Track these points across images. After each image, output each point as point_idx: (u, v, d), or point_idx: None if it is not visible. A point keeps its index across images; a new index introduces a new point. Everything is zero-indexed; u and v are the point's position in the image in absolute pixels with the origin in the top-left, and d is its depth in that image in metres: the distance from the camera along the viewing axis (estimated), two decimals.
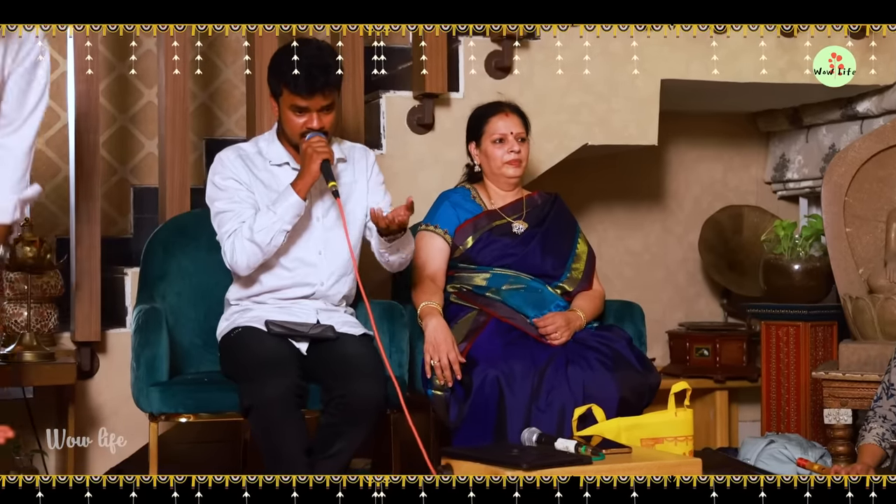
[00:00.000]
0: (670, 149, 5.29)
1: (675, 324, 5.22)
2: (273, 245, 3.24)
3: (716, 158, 5.42)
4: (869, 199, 4.23)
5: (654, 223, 5.34)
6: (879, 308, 4.00)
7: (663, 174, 5.34)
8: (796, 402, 4.55)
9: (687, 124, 5.25)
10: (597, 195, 5.21)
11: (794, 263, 4.59)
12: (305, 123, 3.27)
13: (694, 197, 5.38)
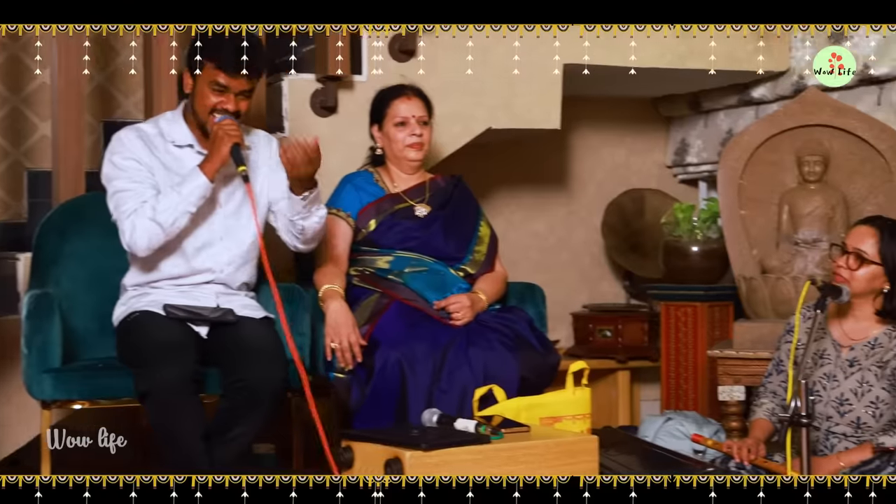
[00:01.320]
0: (574, 133, 5.36)
1: (579, 305, 5.31)
2: (176, 226, 3.20)
3: (618, 143, 5.51)
4: (762, 182, 4.34)
5: (559, 206, 5.41)
6: (772, 288, 4.12)
7: (568, 158, 5.41)
8: (694, 381, 4.66)
9: (590, 109, 5.33)
10: (503, 179, 5.26)
11: (693, 245, 4.70)
12: (221, 103, 3.24)
13: (597, 181, 5.46)
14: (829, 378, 3.44)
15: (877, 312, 3.42)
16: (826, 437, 3.43)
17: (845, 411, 3.39)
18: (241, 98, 3.25)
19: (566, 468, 2.86)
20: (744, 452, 3.39)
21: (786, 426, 3.13)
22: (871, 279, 3.39)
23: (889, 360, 3.36)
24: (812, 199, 4.20)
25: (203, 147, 3.30)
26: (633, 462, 3.43)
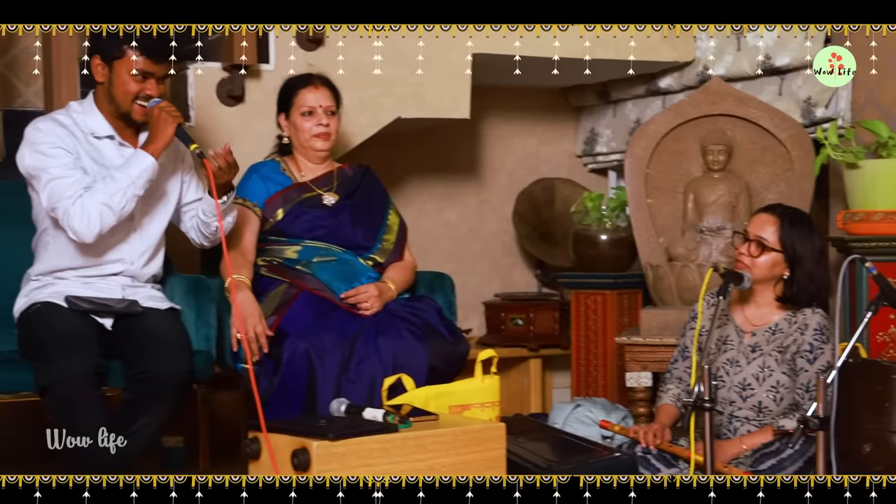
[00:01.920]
0: (485, 123, 5.38)
1: (491, 294, 5.33)
2: (126, 210, 3.15)
3: (529, 132, 5.54)
4: (668, 170, 4.40)
5: (471, 196, 5.43)
6: (677, 275, 4.18)
7: (479, 148, 5.43)
8: (603, 368, 4.71)
9: (501, 99, 5.35)
10: (415, 168, 5.26)
11: (602, 234, 4.75)
12: (144, 89, 3.19)
13: (508, 170, 5.49)
14: (732, 363, 3.50)
15: (777, 298, 3.49)
16: (729, 421, 3.50)
17: (747, 396, 3.46)
18: (160, 82, 3.23)
19: (473, 455, 2.88)
20: (649, 437, 3.45)
21: (689, 411, 3.18)
22: (771, 266, 3.46)
23: (789, 346, 3.44)
24: (716, 187, 4.28)
25: (124, 138, 3.25)
26: (543, 449, 3.46)
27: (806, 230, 3.47)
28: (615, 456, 3.36)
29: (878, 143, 3.86)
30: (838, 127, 4.05)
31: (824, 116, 4.28)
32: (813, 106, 4.34)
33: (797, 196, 4.16)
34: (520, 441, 3.53)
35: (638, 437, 3.49)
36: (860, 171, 3.84)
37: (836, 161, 3.92)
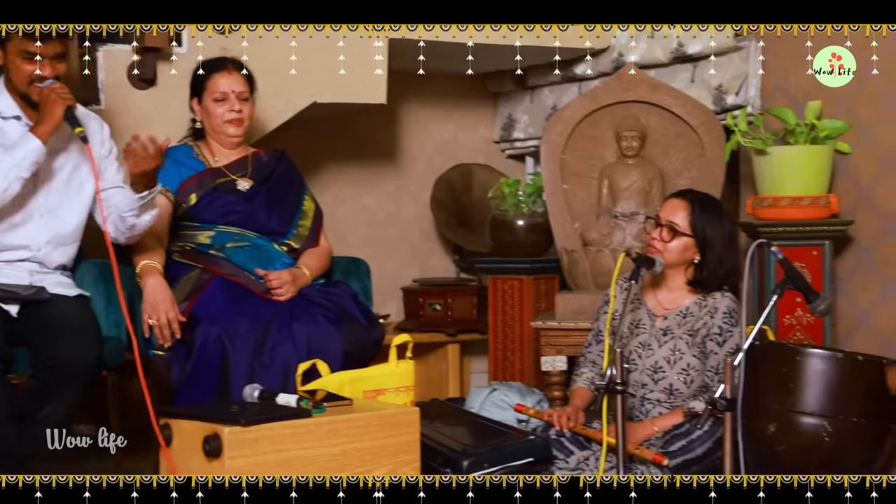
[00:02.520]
0: (403, 108, 5.37)
1: (409, 280, 5.33)
2: (9, 193, 3.09)
3: (447, 118, 5.54)
4: (583, 156, 4.44)
5: (389, 181, 5.42)
6: (592, 260, 4.22)
7: (397, 133, 5.42)
8: (520, 352, 4.75)
9: (419, 84, 5.33)
10: (332, 154, 5.24)
11: (519, 219, 4.77)
12: (37, 70, 3.13)
13: (426, 156, 5.49)
14: (644, 347, 3.55)
15: (688, 282, 3.55)
16: (641, 404, 3.55)
17: (659, 378, 3.51)
18: (56, 61, 3.16)
19: (388, 440, 2.89)
20: (563, 420, 3.48)
21: (602, 394, 3.22)
22: (682, 250, 3.51)
23: (699, 329, 3.49)
24: (630, 173, 4.33)
25: (31, 119, 3.19)
26: (459, 433, 3.48)
27: (716, 215, 3.53)
28: (529, 439, 3.40)
29: (786, 130, 3.94)
30: (748, 114, 4.12)
31: (735, 104, 4.36)
32: (724, 93, 4.41)
33: (709, 182, 4.23)
34: (435, 425, 3.54)
35: (552, 420, 3.52)
36: (768, 158, 3.91)
37: (745, 147, 3.99)
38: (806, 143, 3.90)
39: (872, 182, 3.99)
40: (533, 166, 5.58)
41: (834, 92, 3.80)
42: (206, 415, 2.79)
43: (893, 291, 3.94)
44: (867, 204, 4.00)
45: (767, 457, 3.02)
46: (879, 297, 3.99)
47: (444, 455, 3.26)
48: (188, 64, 3.81)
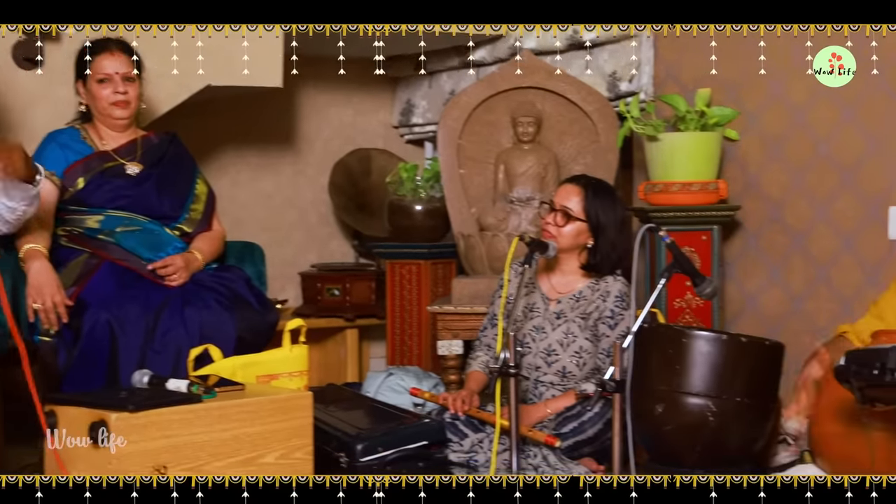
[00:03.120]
0: (301, 92, 5.33)
1: (307, 265, 5.31)
2: None
3: (346, 103, 5.52)
4: (480, 141, 4.47)
5: (287, 166, 5.38)
6: (488, 244, 4.26)
7: (295, 117, 5.39)
8: (418, 337, 4.76)
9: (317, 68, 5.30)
10: (229, 137, 5.18)
11: (417, 204, 4.78)
12: None
13: (325, 140, 5.46)
14: (538, 330, 3.59)
15: (581, 266, 3.60)
16: (535, 387, 3.59)
17: (552, 361, 3.56)
18: None
19: (280, 424, 2.88)
20: (458, 404, 3.51)
21: (495, 377, 3.26)
22: (576, 235, 3.56)
23: (591, 312, 3.55)
24: (526, 158, 4.37)
25: None
26: (354, 417, 3.49)
27: (609, 200, 3.59)
28: (424, 423, 3.42)
29: (677, 116, 4.01)
30: (640, 101, 4.18)
31: (628, 90, 4.42)
32: (618, 80, 4.47)
33: (603, 167, 4.29)
34: (331, 410, 3.54)
35: (447, 403, 3.55)
36: (660, 144, 3.98)
37: (637, 134, 4.05)
38: (696, 129, 3.97)
39: (759, 169, 4.08)
40: (432, 151, 5.59)
41: (723, 80, 3.88)
42: (93, 401, 2.74)
43: (778, 276, 4.05)
44: (754, 190, 4.09)
45: (655, 437, 3.10)
46: (765, 281, 4.09)
47: (339, 439, 3.27)
48: (76, 44, 3.72)
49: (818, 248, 3.91)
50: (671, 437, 3.05)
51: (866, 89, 3.63)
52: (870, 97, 3.67)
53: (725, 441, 3.04)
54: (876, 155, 3.72)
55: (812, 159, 3.92)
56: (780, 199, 4.03)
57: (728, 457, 3.06)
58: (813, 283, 3.93)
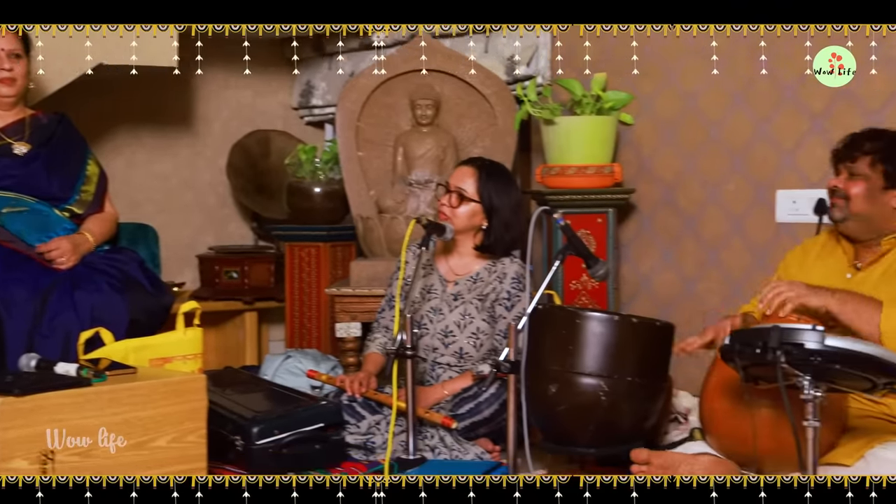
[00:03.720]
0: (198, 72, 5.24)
1: (205, 247, 5.24)
2: None
3: (245, 84, 5.46)
4: (378, 124, 4.47)
5: (184, 147, 5.30)
6: (386, 227, 4.26)
7: (192, 98, 5.31)
8: (317, 319, 4.75)
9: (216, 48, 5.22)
10: (124, 118, 5.08)
11: (316, 186, 4.76)
12: None
13: (223, 121, 5.40)
14: (436, 312, 3.61)
15: (476, 248, 3.62)
16: (432, 368, 3.61)
17: (449, 343, 3.58)
18: None
19: (172, 408, 2.84)
20: (355, 386, 3.51)
21: (392, 359, 3.27)
22: (470, 216, 3.58)
23: (489, 294, 3.58)
24: (424, 141, 4.38)
25: None
26: (250, 400, 3.46)
27: (503, 182, 3.62)
28: (320, 405, 3.41)
29: (573, 100, 4.05)
30: (537, 85, 4.22)
31: (526, 74, 4.45)
32: (516, 64, 4.50)
33: (501, 150, 4.32)
34: (227, 393, 3.51)
35: (344, 385, 3.55)
36: (556, 128, 4.02)
37: (535, 117, 4.09)
38: (592, 113, 4.02)
39: (653, 153, 4.15)
40: (332, 133, 5.56)
41: (618, 64, 3.93)
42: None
43: (671, 258, 4.13)
44: (648, 173, 4.16)
45: (549, 417, 3.13)
46: (658, 262, 4.17)
47: (234, 422, 3.24)
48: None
49: (709, 230, 4.00)
50: (564, 417, 3.09)
51: (755, 76, 3.72)
52: (757, 84, 3.76)
53: (618, 420, 3.08)
54: (763, 140, 3.82)
55: (703, 143, 4.00)
56: (672, 183, 4.10)
57: (620, 435, 3.11)
58: (704, 265, 4.02)
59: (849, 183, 3.07)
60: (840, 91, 3.56)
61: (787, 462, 2.73)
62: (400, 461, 3.26)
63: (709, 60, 3.69)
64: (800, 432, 2.39)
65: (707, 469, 2.90)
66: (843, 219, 3.09)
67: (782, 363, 2.40)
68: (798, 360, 2.40)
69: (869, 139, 3.09)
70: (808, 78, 3.43)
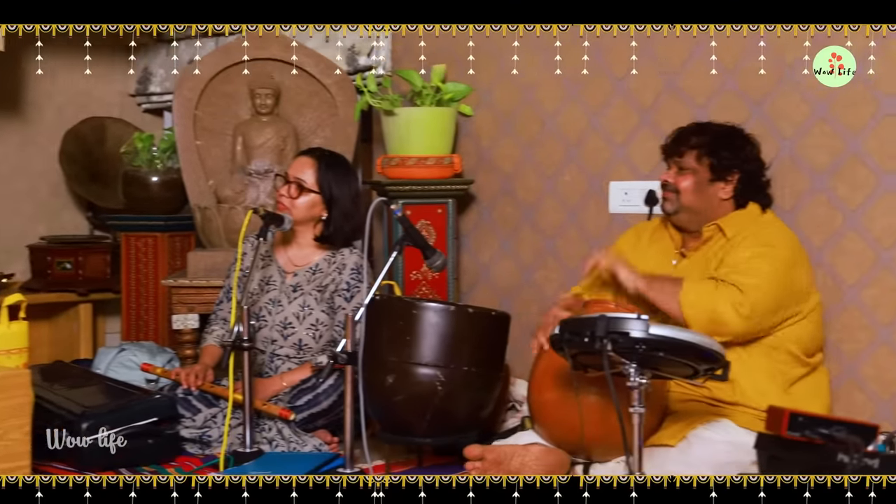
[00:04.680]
0: (29, 56, 5.06)
1: (37, 237, 5.07)
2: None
3: (80, 69, 5.28)
4: (217, 112, 4.40)
5: (14, 133, 5.11)
6: (225, 217, 4.20)
7: (22, 83, 5.12)
8: (154, 311, 4.66)
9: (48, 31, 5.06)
10: None
11: (153, 175, 4.67)
12: None
13: (56, 107, 5.22)
14: (275, 303, 3.58)
15: (316, 238, 3.61)
16: (271, 360, 3.58)
17: (288, 334, 3.56)
18: None
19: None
20: (191, 379, 3.46)
21: (229, 351, 3.23)
22: (310, 207, 3.57)
23: (328, 285, 3.57)
24: (264, 130, 4.33)
25: None
26: (81, 395, 3.38)
27: (342, 173, 3.61)
28: (154, 398, 3.34)
29: (414, 91, 4.07)
30: (377, 75, 4.22)
31: (367, 64, 4.45)
32: (356, 54, 4.49)
33: (342, 140, 4.31)
34: (56, 388, 3.42)
35: (179, 378, 3.50)
36: (396, 119, 4.02)
37: (375, 108, 4.09)
38: (431, 105, 4.04)
39: (492, 143, 4.20)
40: (170, 121, 5.44)
41: (455, 54, 3.97)
42: None
43: (510, 247, 4.19)
44: (487, 164, 4.21)
45: (386, 407, 3.15)
46: (497, 252, 4.23)
47: (63, 418, 3.16)
48: None
49: (546, 220, 4.07)
50: (401, 407, 3.11)
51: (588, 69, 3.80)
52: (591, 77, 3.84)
53: (454, 409, 3.12)
54: (596, 132, 3.91)
55: (540, 135, 4.07)
56: (511, 173, 4.16)
57: (457, 424, 3.15)
58: (541, 254, 4.09)
59: (678, 177, 3.19)
60: (667, 85, 3.68)
61: (614, 448, 2.83)
62: (236, 454, 3.23)
63: (545, 53, 3.77)
64: (625, 418, 2.46)
65: (538, 459, 2.97)
66: (675, 211, 3.21)
67: (609, 351, 2.47)
68: (624, 349, 2.48)
69: (695, 133, 3.22)
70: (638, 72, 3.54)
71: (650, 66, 3.62)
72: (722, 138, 3.18)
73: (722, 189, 3.16)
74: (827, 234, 3.32)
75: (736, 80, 3.49)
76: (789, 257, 3.04)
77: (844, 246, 3.30)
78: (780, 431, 2.34)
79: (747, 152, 3.18)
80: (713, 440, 2.93)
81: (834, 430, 2.29)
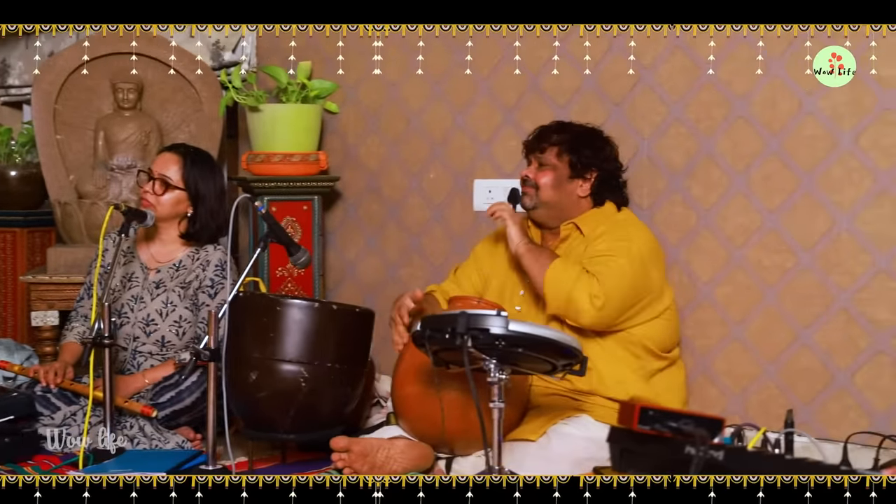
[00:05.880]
0: None
1: None
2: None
3: None
4: (78, 106, 4.32)
5: None
6: (87, 212, 4.13)
7: None
8: (13, 308, 4.56)
9: None
10: None
11: (11, 170, 4.58)
12: None
13: None
14: (137, 300, 3.54)
15: (181, 235, 3.58)
16: (133, 357, 3.54)
17: (151, 331, 3.52)
18: None
19: None
20: (50, 376, 3.40)
21: (89, 348, 3.18)
22: (175, 203, 3.54)
23: (192, 282, 3.55)
24: (127, 125, 4.27)
25: None
26: None
27: (208, 169, 3.60)
28: (11, 396, 3.28)
29: (279, 88, 4.07)
30: (243, 71, 4.20)
31: (232, 60, 4.43)
32: (221, 49, 4.47)
33: (207, 136, 4.28)
34: None
35: (38, 376, 3.43)
36: (261, 115, 4.02)
37: (241, 104, 4.07)
38: (297, 101, 4.05)
39: (358, 141, 4.23)
40: (30, 115, 5.31)
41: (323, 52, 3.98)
42: None
43: (375, 244, 4.22)
44: (353, 161, 4.24)
45: (249, 404, 3.15)
46: (363, 249, 4.26)
47: None
48: None
49: (411, 217, 4.12)
50: (265, 404, 3.11)
51: (450, 68, 3.87)
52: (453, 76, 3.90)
53: (318, 405, 3.14)
54: (461, 131, 3.97)
55: (406, 132, 4.11)
56: (377, 171, 4.20)
57: (321, 421, 3.17)
58: (407, 252, 4.14)
59: (538, 173, 3.28)
60: (530, 86, 3.76)
61: (475, 442, 2.89)
62: (96, 452, 3.19)
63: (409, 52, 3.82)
64: (485, 413, 2.52)
65: (403, 452, 3.02)
66: (534, 207, 3.30)
67: (469, 348, 2.52)
68: (484, 345, 2.53)
69: (556, 131, 3.31)
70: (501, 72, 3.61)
71: (513, 65, 3.70)
72: (583, 137, 3.28)
73: (580, 186, 3.25)
74: (682, 233, 3.44)
75: (596, 80, 3.59)
76: (645, 253, 3.15)
77: (699, 244, 3.42)
78: (632, 425, 2.42)
79: (606, 152, 3.29)
80: (572, 436, 3.01)
81: (682, 424, 2.37)
